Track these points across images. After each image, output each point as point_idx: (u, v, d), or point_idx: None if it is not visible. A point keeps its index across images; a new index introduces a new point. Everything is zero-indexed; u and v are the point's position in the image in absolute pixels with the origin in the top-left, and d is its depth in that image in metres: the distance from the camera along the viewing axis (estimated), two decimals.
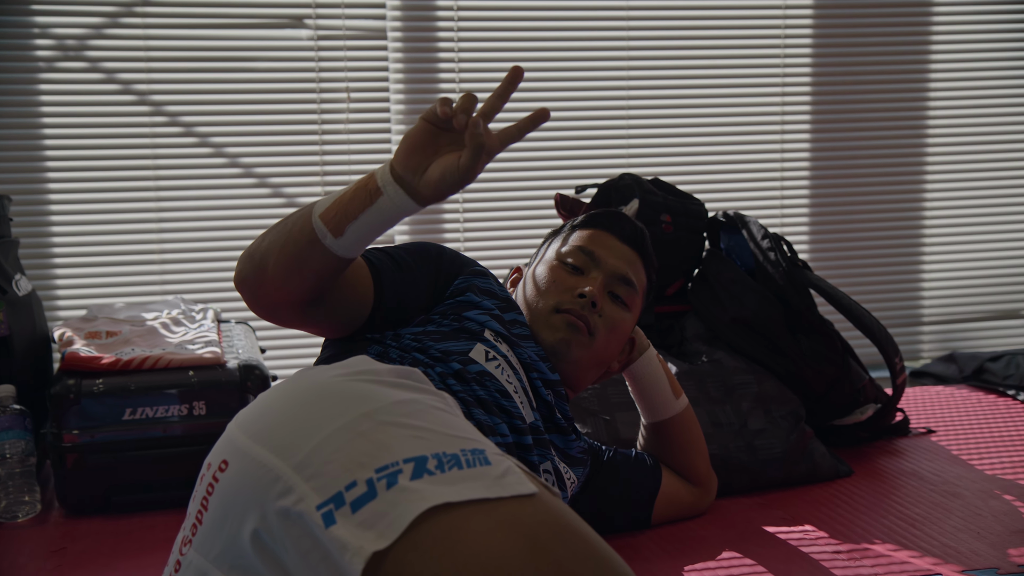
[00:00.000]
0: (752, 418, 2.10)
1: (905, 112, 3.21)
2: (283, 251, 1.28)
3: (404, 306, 1.48)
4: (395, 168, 1.24)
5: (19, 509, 1.95)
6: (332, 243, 1.26)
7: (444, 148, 1.24)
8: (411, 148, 1.23)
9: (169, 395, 1.99)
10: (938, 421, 2.54)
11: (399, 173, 1.24)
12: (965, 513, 1.91)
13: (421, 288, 1.51)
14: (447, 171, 1.21)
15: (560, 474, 1.58)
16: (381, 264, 1.45)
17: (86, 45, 2.64)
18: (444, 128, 1.23)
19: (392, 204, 1.24)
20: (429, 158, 1.23)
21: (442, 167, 1.22)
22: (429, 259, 1.54)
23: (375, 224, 1.26)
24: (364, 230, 1.26)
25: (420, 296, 1.51)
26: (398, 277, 1.46)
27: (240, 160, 2.77)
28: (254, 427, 1.15)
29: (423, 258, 1.53)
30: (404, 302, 1.48)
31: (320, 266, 1.28)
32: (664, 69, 3.02)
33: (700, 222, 2.40)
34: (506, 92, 1.24)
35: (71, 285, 2.69)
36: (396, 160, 1.24)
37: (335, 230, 1.25)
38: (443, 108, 1.20)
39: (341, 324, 1.44)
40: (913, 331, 3.28)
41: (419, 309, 1.51)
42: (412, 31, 2.82)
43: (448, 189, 1.23)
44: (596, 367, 1.68)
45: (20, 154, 2.64)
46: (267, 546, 1.07)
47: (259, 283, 1.32)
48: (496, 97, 1.24)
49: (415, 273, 1.50)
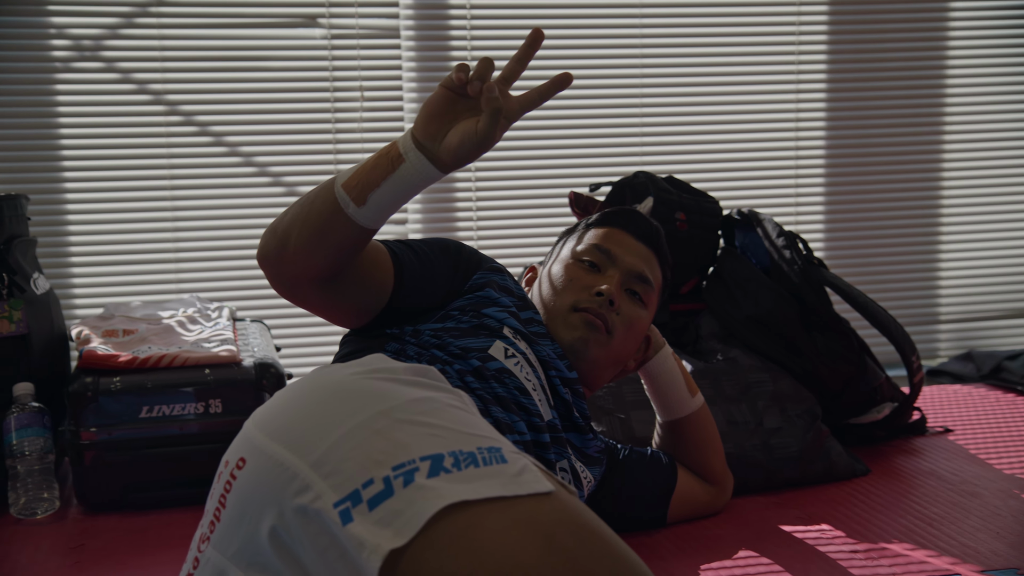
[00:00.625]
0: (768, 417, 2.09)
1: (921, 108, 3.19)
2: (306, 223, 1.28)
3: (422, 296, 1.48)
4: (416, 135, 1.24)
5: (38, 506, 1.96)
6: (355, 212, 1.26)
7: (463, 114, 1.23)
8: (430, 115, 1.23)
9: (185, 393, 2.00)
10: (956, 420, 2.53)
11: (420, 140, 1.24)
12: (984, 513, 1.90)
13: (440, 281, 1.51)
14: (466, 136, 1.21)
15: (577, 473, 1.58)
16: (402, 253, 1.45)
17: (102, 45, 2.65)
18: (462, 94, 1.22)
19: (414, 170, 1.24)
20: (449, 124, 1.23)
21: (461, 133, 1.22)
22: (448, 253, 1.54)
23: (398, 192, 1.26)
24: (387, 198, 1.26)
25: (438, 289, 1.51)
26: (418, 267, 1.46)
27: (254, 159, 2.78)
28: (271, 425, 1.15)
29: (443, 252, 1.53)
30: (422, 292, 1.48)
31: (343, 237, 1.28)
32: (678, 67, 3.02)
33: (715, 220, 2.40)
34: (526, 56, 1.23)
35: (88, 283, 2.71)
36: (416, 128, 1.24)
37: (358, 199, 1.25)
38: (459, 74, 1.20)
39: (359, 309, 1.44)
40: (930, 329, 3.27)
41: (436, 301, 1.52)
42: (425, 29, 2.82)
43: (467, 155, 1.23)
44: (613, 365, 1.68)
45: (37, 154, 2.65)
46: (285, 543, 1.08)
47: (281, 257, 1.31)
48: (515, 61, 1.23)
49: (435, 265, 1.50)
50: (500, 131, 1.22)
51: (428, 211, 2.88)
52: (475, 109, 1.23)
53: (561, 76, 1.23)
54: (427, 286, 1.49)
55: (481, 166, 2.90)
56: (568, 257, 1.69)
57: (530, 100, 1.24)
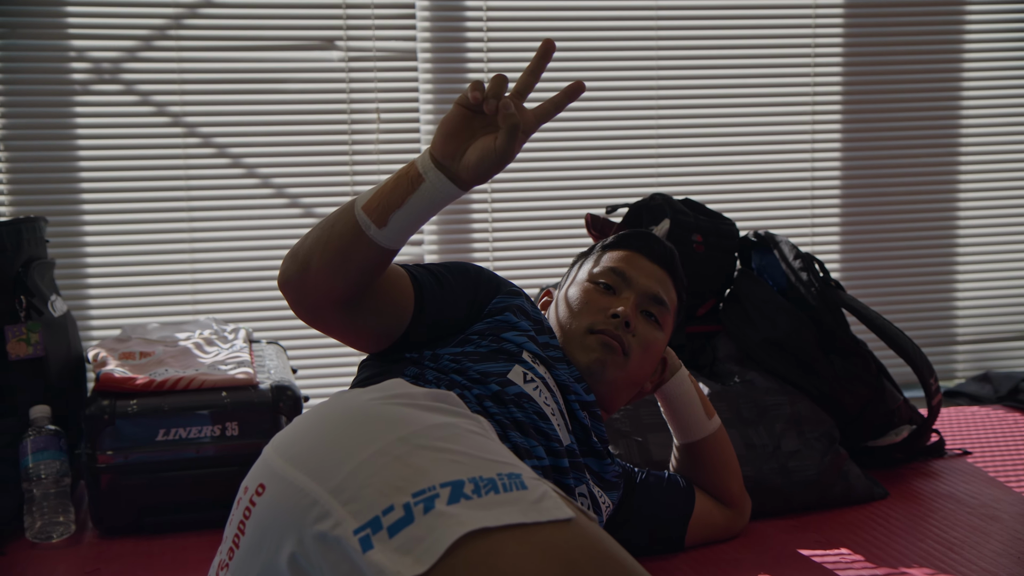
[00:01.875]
0: (786, 439, 2.08)
1: (937, 131, 3.18)
2: (327, 247, 1.28)
3: (442, 321, 1.48)
4: (434, 155, 1.25)
5: (54, 530, 1.96)
6: (376, 234, 1.26)
7: (480, 131, 1.24)
8: (448, 134, 1.23)
9: (202, 416, 2.00)
10: (974, 442, 2.51)
11: (439, 159, 1.24)
12: (1005, 537, 1.88)
13: (460, 305, 1.51)
14: (485, 153, 1.22)
15: (595, 498, 1.57)
16: (423, 278, 1.46)
17: (120, 68, 2.67)
18: (478, 112, 1.23)
19: (434, 190, 1.25)
20: (467, 142, 1.24)
21: (480, 150, 1.22)
22: (468, 277, 1.54)
23: (419, 212, 1.26)
24: (408, 219, 1.26)
25: (459, 312, 1.51)
26: (438, 291, 1.47)
27: (271, 181, 2.79)
28: (291, 451, 1.15)
29: (463, 276, 1.53)
30: (442, 317, 1.48)
31: (364, 259, 1.29)
32: (694, 88, 3.02)
33: (731, 242, 2.39)
34: (538, 68, 1.24)
35: (105, 306, 2.71)
36: (434, 147, 1.25)
37: (379, 220, 1.26)
38: (474, 93, 1.20)
39: (380, 334, 1.44)
40: (947, 350, 3.25)
41: (456, 325, 1.52)
42: (442, 52, 2.83)
43: (487, 171, 1.23)
44: (630, 387, 1.67)
45: (56, 175, 2.66)
46: (304, 571, 1.07)
47: (303, 280, 1.32)
48: (528, 74, 1.24)
49: (455, 289, 1.50)
50: (518, 145, 1.22)
51: (444, 232, 2.88)
52: (492, 126, 1.23)
53: (574, 85, 1.24)
54: (447, 309, 1.49)
55: (497, 187, 2.90)
56: (584, 280, 1.69)
57: (546, 111, 1.24)
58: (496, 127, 1.22)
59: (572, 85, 1.24)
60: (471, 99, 1.20)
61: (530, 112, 1.24)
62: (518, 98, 1.23)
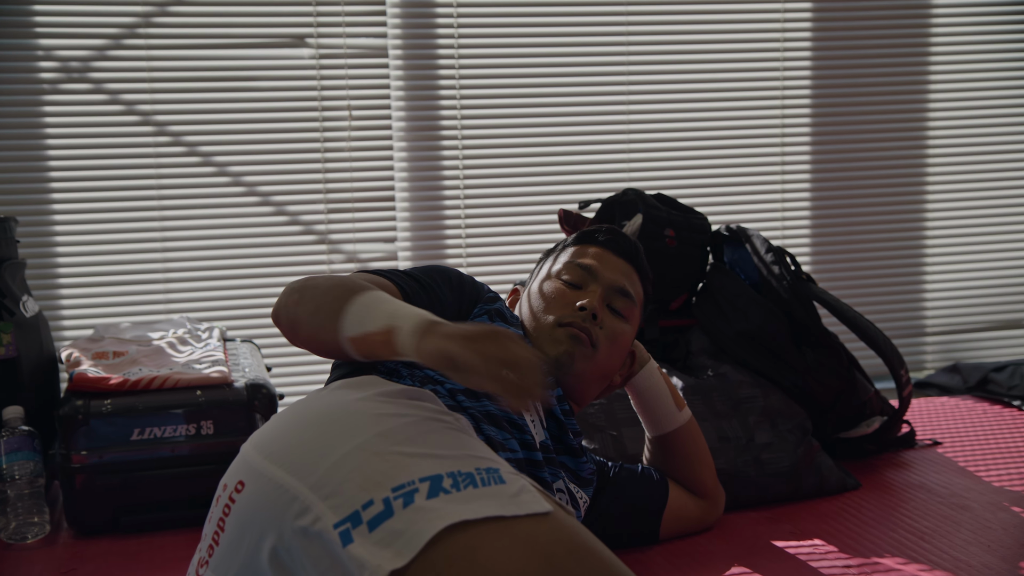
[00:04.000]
0: (759, 432, 2.10)
1: (906, 124, 3.22)
2: (312, 336, 1.35)
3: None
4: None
5: (28, 530, 1.95)
6: (353, 353, 1.31)
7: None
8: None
9: (176, 415, 2.00)
10: (944, 433, 2.55)
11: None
12: (974, 526, 1.91)
13: (447, 313, 1.52)
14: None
15: (573, 495, 1.59)
16: (410, 289, 1.46)
17: (90, 67, 2.65)
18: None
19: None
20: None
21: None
22: (451, 284, 1.55)
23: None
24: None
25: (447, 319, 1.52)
26: (426, 301, 1.48)
27: (243, 178, 2.78)
28: (270, 448, 1.15)
29: (446, 282, 1.54)
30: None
31: (342, 355, 1.35)
32: (664, 84, 3.03)
33: (704, 236, 2.41)
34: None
35: (77, 305, 2.70)
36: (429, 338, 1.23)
37: (358, 353, 1.31)
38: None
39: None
40: (916, 342, 3.29)
41: None
42: (413, 48, 2.83)
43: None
44: (599, 380, 1.69)
45: (25, 175, 2.64)
46: (285, 565, 1.08)
47: (293, 337, 1.39)
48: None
49: (441, 297, 1.51)
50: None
51: (417, 229, 2.89)
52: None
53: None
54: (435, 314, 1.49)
55: (469, 183, 2.91)
56: (551, 276, 1.71)
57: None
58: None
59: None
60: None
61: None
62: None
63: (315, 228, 2.82)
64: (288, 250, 2.81)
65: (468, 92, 2.87)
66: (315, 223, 2.82)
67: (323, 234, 2.83)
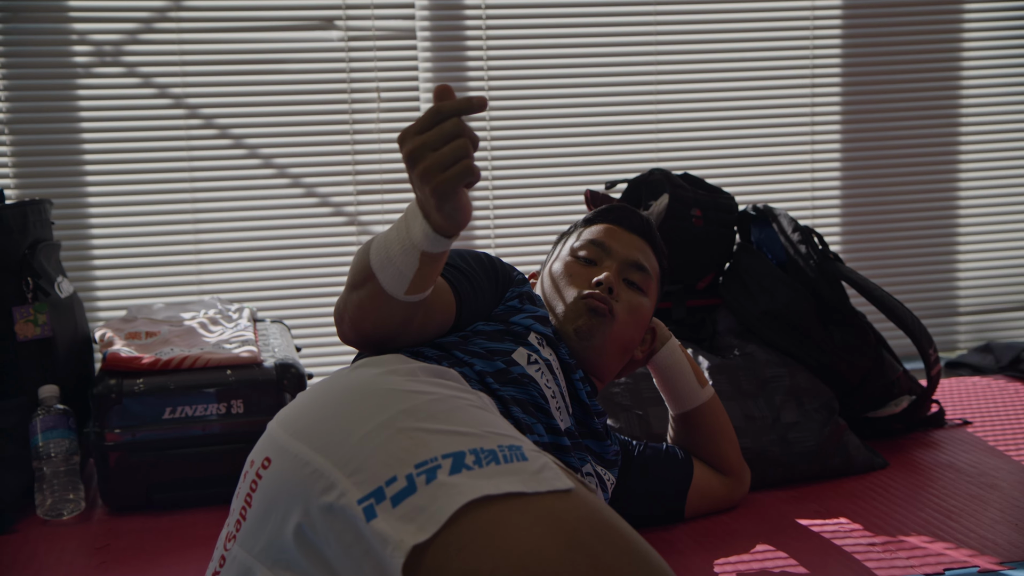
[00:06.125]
0: (785, 411, 2.10)
1: (937, 100, 3.18)
2: (369, 312, 1.29)
3: (472, 321, 1.51)
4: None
5: (64, 507, 1.99)
6: (407, 285, 1.24)
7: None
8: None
9: (207, 394, 2.02)
10: (974, 412, 2.53)
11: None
12: (1003, 505, 1.90)
13: (488, 302, 1.54)
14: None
15: (601, 477, 1.61)
16: (461, 287, 1.45)
17: (122, 51, 2.68)
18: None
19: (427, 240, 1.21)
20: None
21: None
22: (487, 271, 1.55)
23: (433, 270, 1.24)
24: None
25: (487, 309, 1.54)
26: (473, 298, 1.48)
27: (273, 161, 2.80)
28: (296, 425, 1.17)
29: (484, 271, 1.53)
30: (474, 321, 1.51)
31: (402, 309, 1.29)
32: (692, 63, 3.02)
33: (730, 216, 2.41)
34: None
35: (111, 286, 2.73)
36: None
37: (411, 284, 1.24)
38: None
39: (416, 343, 1.43)
40: (949, 322, 3.26)
41: (482, 318, 1.54)
42: (441, 30, 2.84)
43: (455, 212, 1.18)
44: (620, 353, 1.70)
45: (60, 159, 2.68)
46: (310, 541, 1.10)
47: (356, 332, 1.34)
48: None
49: (484, 288, 1.52)
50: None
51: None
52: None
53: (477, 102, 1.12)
54: (479, 315, 1.51)
55: (498, 163, 2.91)
56: (566, 255, 1.74)
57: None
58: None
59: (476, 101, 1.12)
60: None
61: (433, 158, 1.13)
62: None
63: (344, 210, 2.84)
64: (317, 232, 2.84)
65: (496, 74, 2.87)
66: (344, 204, 2.84)
67: (352, 215, 2.85)
